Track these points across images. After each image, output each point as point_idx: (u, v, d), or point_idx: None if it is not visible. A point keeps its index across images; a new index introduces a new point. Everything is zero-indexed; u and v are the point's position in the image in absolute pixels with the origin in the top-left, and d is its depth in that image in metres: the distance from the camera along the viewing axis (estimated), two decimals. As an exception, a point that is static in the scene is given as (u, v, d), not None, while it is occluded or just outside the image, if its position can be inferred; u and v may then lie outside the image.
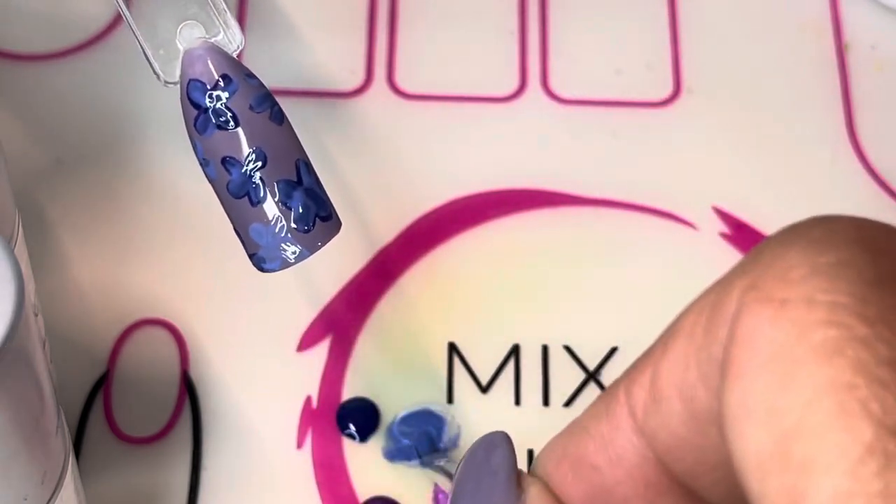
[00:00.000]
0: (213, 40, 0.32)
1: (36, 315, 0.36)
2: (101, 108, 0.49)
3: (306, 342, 0.44)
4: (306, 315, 0.45)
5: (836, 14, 0.52)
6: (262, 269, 0.32)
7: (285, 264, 0.32)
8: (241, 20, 0.51)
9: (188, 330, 0.44)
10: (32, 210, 0.45)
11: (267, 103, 0.32)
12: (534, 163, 0.49)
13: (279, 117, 0.32)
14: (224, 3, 0.32)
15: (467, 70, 0.51)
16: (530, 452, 0.43)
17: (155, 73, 0.32)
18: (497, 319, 0.45)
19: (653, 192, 0.48)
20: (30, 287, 0.34)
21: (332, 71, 0.51)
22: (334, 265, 0.45)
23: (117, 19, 0.51)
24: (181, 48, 0.32)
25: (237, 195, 0.31)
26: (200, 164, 0.32)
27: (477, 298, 0.45)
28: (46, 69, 0.50)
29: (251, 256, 0.32)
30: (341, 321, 0.45)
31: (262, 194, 0.31)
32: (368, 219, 0.46)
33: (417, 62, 0.51)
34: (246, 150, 0.31)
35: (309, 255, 0.32)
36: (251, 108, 0.31)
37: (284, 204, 0.31)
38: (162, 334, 0.45)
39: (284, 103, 0.50)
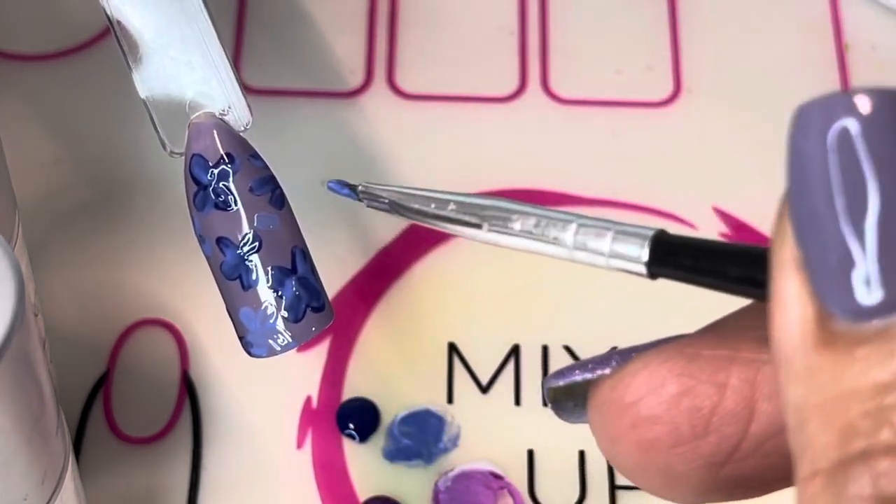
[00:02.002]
0: (221, 115, 0.31)
1: (36, 315, 0.36)
2: (101, 108, 0.49)
3: (306, 342, 0.44)
4: (306, 315, 0.45)
5: (836, 14, 0.52)
6: (249, 354, 0.31)
7: (272, 352, 0.31)
8: (241, 20, 0.51)
9: (188, 330, 0.44)
10: (32, 210, 0.45)
11: (268, 186, 0.31)
12: (534, 163, 0.49)
13: (280, 202, 0.31)
14: (236, 79, 0.31)
15: (467, 70, 0.51)
16: (530, 452, 0.43)
17: (161, 141, 0.31)
18: (497, 319, 0.45)
19: (653, 192, 0.48)
20: (30, 287, 0.34)
21: (332, 71, 0.51)
22: (335, 265, 0.45)
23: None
24: (188, 120, 0.31)
25: (229, 277, 0.31)
26: (197, 240, 0.31)
27: (477, 298, 0.45)
28: (47, 69, 0.50)
29: (240, 339, 0.31)
30: (342, 321, 0.45)
31: (254, 279, 0.30)
32: (368, 219, 0.46)
33: (417, 62, 0.51)
34: (242, 232, 0.30)
35: (297, 345, 0.31)
36: (251, 189, 0.31)
37: (276, 291, 0.30)
38: (162, 334, 0.45)
39: (285, 103, 0.50)
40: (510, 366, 0.44)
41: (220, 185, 0.31)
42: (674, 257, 0.23)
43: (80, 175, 0.48)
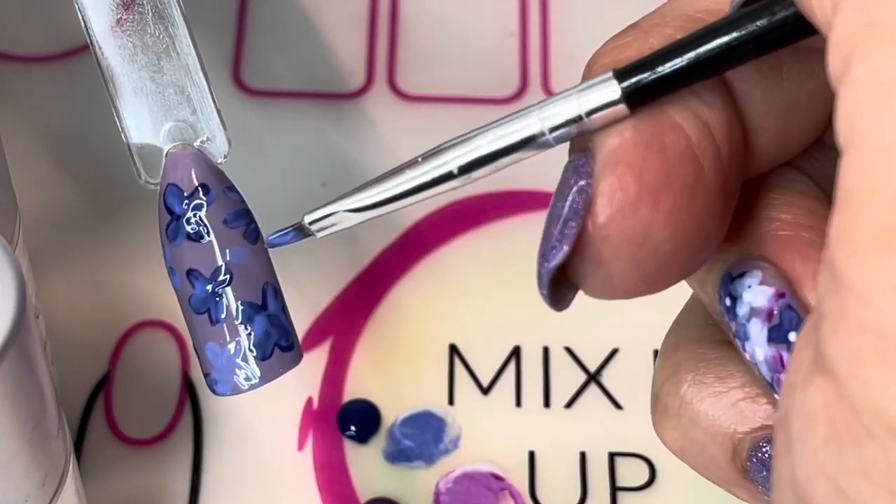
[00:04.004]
0: (199, 146, 0.31)
1: (37, 316, 0.36)
2: (102, 109, 0.49)
3: (307, 344, 0.44)
4: (307, 316, 0.45)
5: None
6: (213, 391, 0.30)
7: (236, 390, 0.30)
8: (241, 22, 0.51)
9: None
10: (33, 211, 0.45)
11: (243, 220, 0.30)
12: (534, 163, 0.48)
13: (253, 236, 0.30)
14: (216, 109, 0.31)
15: (468, 72, 0.51)
16: (531, 454, 0.43)
17: (136, 170, 0.31)
18: (498, 321, 0.45)
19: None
20: (31, 288, 0.34)
21: (332, 72, 0.51)
22: (335, 266, 0.45)
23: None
24: (165, 149, 0.31)
25: (198, 311, 0.30)
26: (168, 272, 0.30)
27: (478, 300, 0.45)
28: (47, 70, 0.50)
29: (205, 375, 0.30)
30: (342, 323, 0.45)
31: (222, 314, 0.30)
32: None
33: (418, 64, 0.51)
34: (213, 265, 0.30)
35: (263, 384, 0.30)
36: (225, 222, 0.30)
37: (245, 327, 0.30)
38: (163, 336, 0.45)
39: (286, 105, 0.50)
40: (511, 367, 0.44)
41: (194, 216, 0.30)
42: (642, 73, 0.22)
43: (81, 177, 0.48)
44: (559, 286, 0.24)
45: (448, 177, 0.25)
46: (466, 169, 0.24)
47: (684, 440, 0.25)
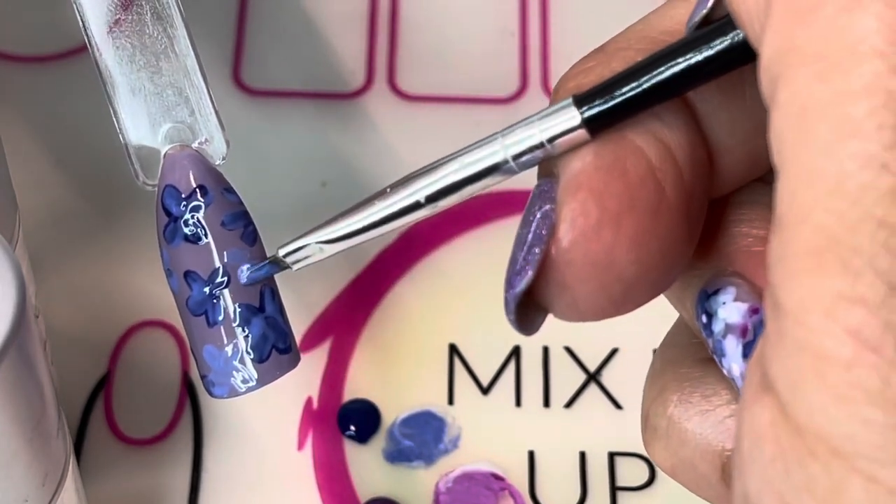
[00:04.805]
0: (197, 147, 0.31)
1: (37, 316, 0.36)
2: (102, 109, 0.49)
3: (307, 343, 0.44)
4: (307, 316, 0.45)
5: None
6: (210, 394, 0.30)
7: (234, 392, 0.30)
8: (241, 22, 0.51)
9: (189, 331, 0.44)
10: (32, 210, 0.45)
11: (241, 222, 0.30)
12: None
13: (252, 238, 0.30)
14: (214, 110, 0.31)
15: (468, 71, 0.51)
16: (531, 453, 0.43)
17: (134, 171, 0.31)
18: (498, 321, 0.45)
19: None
20: (30, 288, 0.34)
21: (332, 72, 0.51)
22: (335, 266, 0.45)
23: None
24: (163, 150, 0.31)
25: (195, 312, 0.30)
26: (165, 273, 0.30)
27: (478, 300, 0.45)
28: (47, 70, 0.50)
29: (202, 377, 0.30)
30: (342, 322, 0.45)
31: (219, 316, 0.29)
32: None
33: (418, 63, 0.51)
34: (211, 266, 0.30)
35: (260, 387, 0.30)
36: (223, 224, 0.30)
37: (242, 329, 0.29)
38: (163, 335, 0.45)
39: (286, 105, 0.50)
40: (511, 367, 0.44)
41: (192, 217, 0.30)
42: (600, 99, 0.23)
43: (81, 176, 0.48)
44: (527, 310, 0.24)
45: (416, 206, 0.25)
46: (434, 198, 0.25)
47: (674, 460, 0.25)
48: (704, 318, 0.24)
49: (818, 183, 0.18)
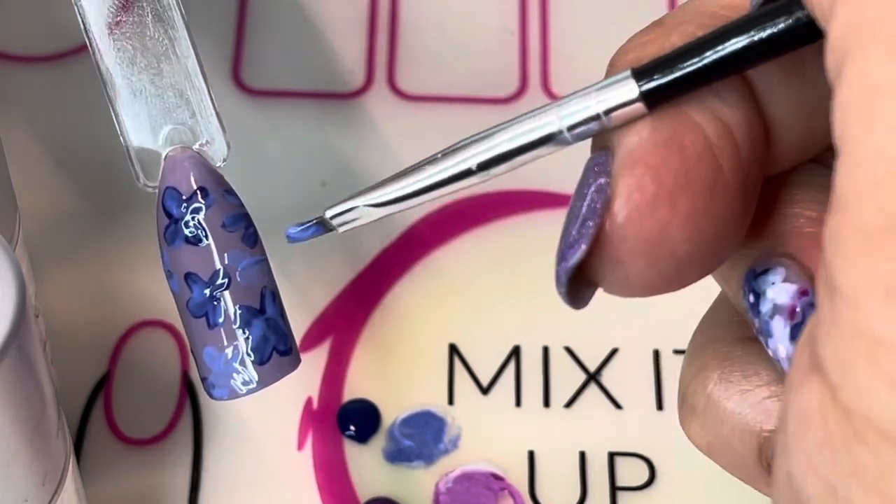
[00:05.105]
0: (198, 149, 0.31)
1: (36, 316, 0.36)
2: (102, 109, 0.49)
3: (307, 343, 0.44)
4: (307, 316, 0.45)
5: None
6: (210, 396, 0.30)
7: (234, 394, 0.30)
8: (241, 22, 0.51)
9: (189, 331, 0.44)
10: (32, 210, 0.45)
11: (241, 224, 0.30)
12: (534, 164, 0.48)
13: (252, 240, 0.30)
14: (215, 112, 0.31)
15: (468, 71, 0.51)
16: (531, 453, 0.43)
17: (135, 173, 0.31)
18: (498, 321, 0.45)
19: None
20: (30, 288, 0.34)
21: (332, 72, 0.51)
22: (335, 266, 0.45)
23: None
24: (164, 153, 0.31)
25: (196, 314, 0.30)
26: (165, 275, 0.30)
27: (478, 299, 0.45)
28: (47, 71, 0.50)
29: (203, 380, 0.30)
30: (342, 322, 0.45)
31: (220, 318, 0.29)
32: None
33: (418, 63, 0.51)
34: (211, 268, 0.30)
35: (260, 389, 0.30)
36: (224, 225, 0.30)
37: (243, 331, 0.29)
38: (163, 336, 0.45)
39: (286, 105, 0.50)
40: (511, 367, 0.44)
41: (192, 219, 0.30)
42: (660, 72, 0.22)
43: (80, 176, 0.48)
44: (577, 284, 0.24)
45: (467, 174, 0.24)
46: (485, 166, 0.24)
47: (711, 438, 0.25)
48: (752, 298, 0.24)
49: (881, 164, 0.18)
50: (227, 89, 0.49)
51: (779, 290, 0.23)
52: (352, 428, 0.43)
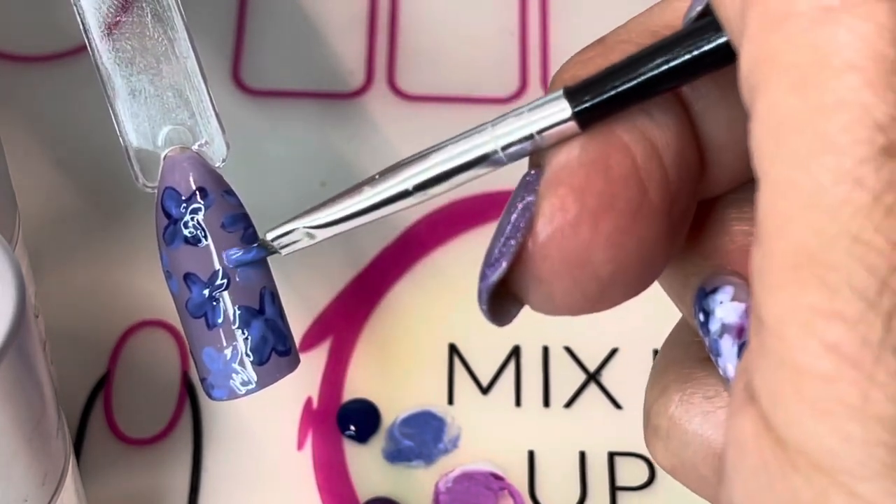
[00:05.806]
0: (197, 149, 0.31)
1: (36, 316, 0.36)
2: (102, 109, 0.49)
3: (307, 343, 0.44)
4: (307, 316, 0.45)
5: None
6: (210, 396, 0.30)
7: (233, 395, 0.30)
8: (241, 22, 0.51)
9: (189, 331, 0.44)
10: (33, 211, 0.45)
11: (241, 224, 0.30)
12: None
13: (251, 240, 0.30)
14: (215, 113, 0.31)
15: (468, 71, 0.51)
16: (531, 453, 0.43)
17: (134, 174, 0.31)
18: (497, 320, 0.45)
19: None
20: (30, 288, 0.34)
21: (332, 72, 0.51)
22: (335, 266, 0.45)
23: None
24: (163, 153, 0.31)
25: (195, 315, 0.30)
26: (164, 275, 0.30)
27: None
28: (47, 70, 0.50)
29: (202, 380, 0.30)
30: (342, 322, 0.45)
31: (219, 318, 0.29)
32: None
33: (418, 63, 0.51)
34: (210, 269, 0.29)
35: (259, 390, 0.30)
36: (223, 226, 0.30)
37: (242, 331, 0.29)
38: (162, 336, 0.45)
39: (286, 105, 0.50)
40: (510, 367, 0.44)
41: (192, 219, 0.30)
42: (591, 92, 0.22)
43: (80, 176, 0.48)
44: (502, 301, 0.24)
45: (404, 194, 0.25)
46: (422, 186, 0.24)
47: (675, 460, 0.25)
48: (702, 317, 0.24)
49: (795, 197, 0.18)
50: (227, 89, 0.49)
51: (727, 310, 0.23)
52: (352, 428, 0.43)
